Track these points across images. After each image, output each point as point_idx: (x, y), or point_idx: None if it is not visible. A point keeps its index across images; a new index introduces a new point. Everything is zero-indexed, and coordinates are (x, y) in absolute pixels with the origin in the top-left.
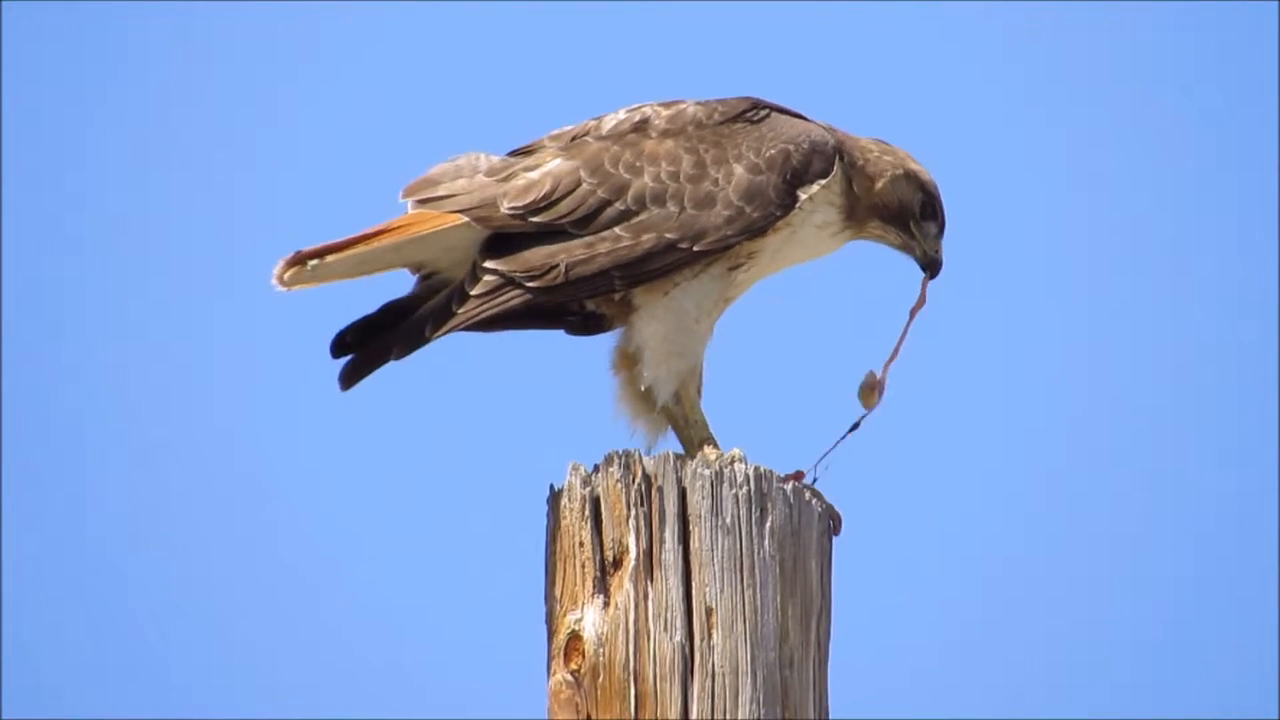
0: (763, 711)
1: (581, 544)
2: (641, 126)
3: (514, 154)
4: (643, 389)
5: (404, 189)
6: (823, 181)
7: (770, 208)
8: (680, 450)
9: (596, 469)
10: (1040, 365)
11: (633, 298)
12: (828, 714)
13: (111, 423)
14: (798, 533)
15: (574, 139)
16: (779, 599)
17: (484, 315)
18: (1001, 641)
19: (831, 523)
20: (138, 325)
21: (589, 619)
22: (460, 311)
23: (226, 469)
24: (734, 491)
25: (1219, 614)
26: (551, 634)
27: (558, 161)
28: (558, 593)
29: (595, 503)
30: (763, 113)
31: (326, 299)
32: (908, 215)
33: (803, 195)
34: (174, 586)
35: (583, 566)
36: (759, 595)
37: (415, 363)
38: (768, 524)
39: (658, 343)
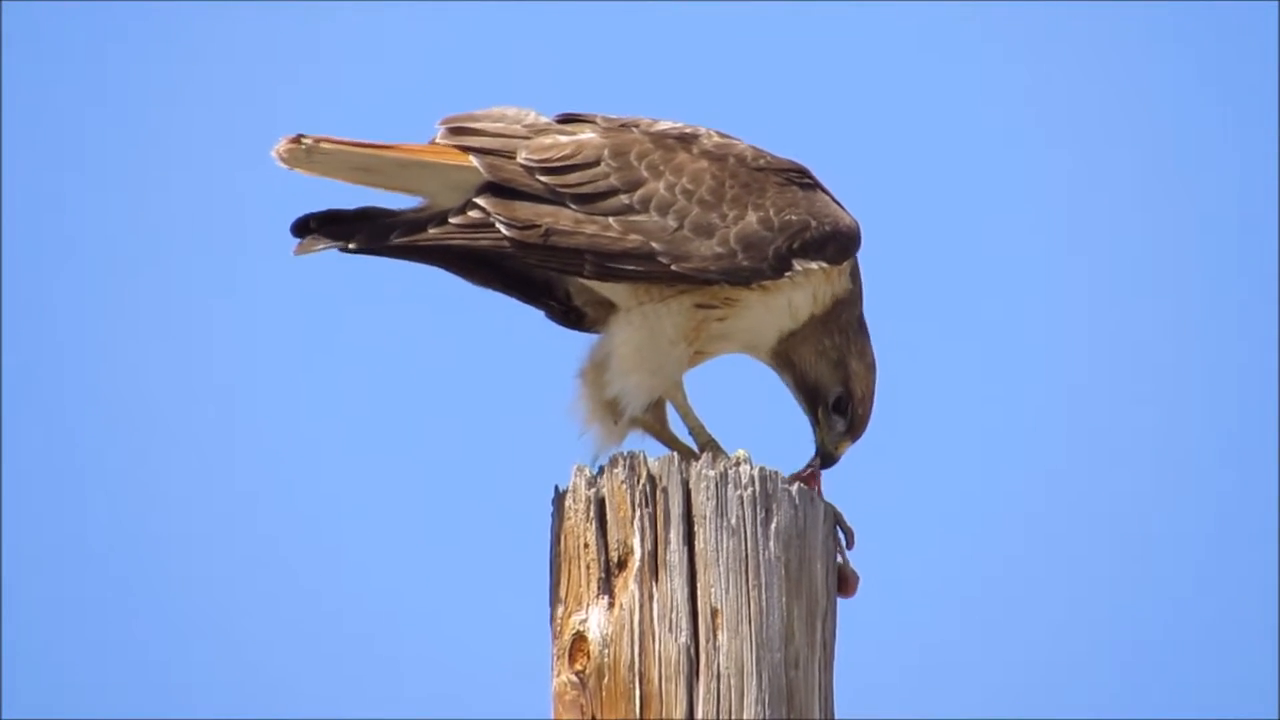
0: (768, 712)
1: (586, 545)
2: (687, 140)
3: (562, 118)
4: (607, 399)
5: (444, 117)
6: (824, 265)
7: (762, 264)
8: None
9: (601, 470)
10: (1040, 366)
11: (613, 300)
12: (833, 715)
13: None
14: (803, 534)
15: (622, 125)
16: (784, 600)
17: (452, 244)
18: (1002, 641)
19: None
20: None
21: (594, 620)
22: (433, 232)
23: (230, 470)
24: (739, 493)
25: (1219, 614)
26: (556, 635)
27: (591, 135)
28: (562, 594)
29: (600, 504)
30: (808, 181)
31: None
32: (821, 397)
33: (798, 266)
34: (175, 586)
35: (587, 568)
36: (764, 596)
37: (418, 363)
38: (773, 525)
39: (629, 351)
